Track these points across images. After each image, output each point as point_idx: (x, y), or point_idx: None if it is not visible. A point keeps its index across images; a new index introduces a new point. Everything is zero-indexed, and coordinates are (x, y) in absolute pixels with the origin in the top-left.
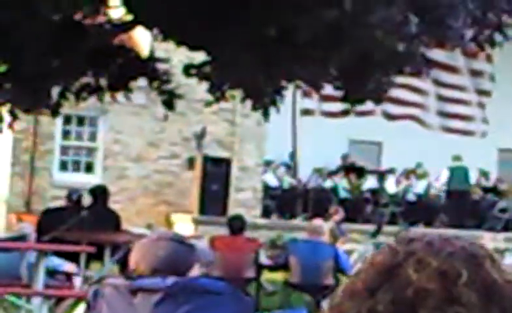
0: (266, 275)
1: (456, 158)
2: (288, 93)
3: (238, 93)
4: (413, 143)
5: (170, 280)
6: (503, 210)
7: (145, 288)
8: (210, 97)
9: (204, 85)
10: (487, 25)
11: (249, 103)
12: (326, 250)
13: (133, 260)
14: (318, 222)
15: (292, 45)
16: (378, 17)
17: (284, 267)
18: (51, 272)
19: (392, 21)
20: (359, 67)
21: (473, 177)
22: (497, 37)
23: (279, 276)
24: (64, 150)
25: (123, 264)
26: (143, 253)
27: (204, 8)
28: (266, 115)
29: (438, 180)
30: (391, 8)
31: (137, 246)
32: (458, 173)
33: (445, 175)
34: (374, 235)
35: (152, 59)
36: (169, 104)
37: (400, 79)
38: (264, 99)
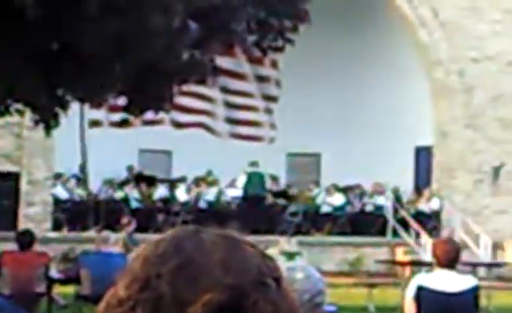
0: (58, 289)
1: (253, 163)
2: (76, 105)
3: (23, 107)
4: (202, 150)
5: None
6: (293, 214)
7: None
8: None
9: None
10: (270, 29)
11: (33, 117)
12: (116, 261)
13: None
14: (107, 233)
15: (75, 58)
16: (155, 26)
17: (76, 280)
18: None
19: (171, 29)
20: (144, 76)
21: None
22: (281, 42)
23: (70, 289)
24: None
25: None
26: None
27: None
28: (48, 129)
29: (234, 186)
30: (168, 16)
31: None
32: (255, 179)
33: (242, 180)
34: None
35: None
36: None
37: (187, 87)
38: (46, 113)
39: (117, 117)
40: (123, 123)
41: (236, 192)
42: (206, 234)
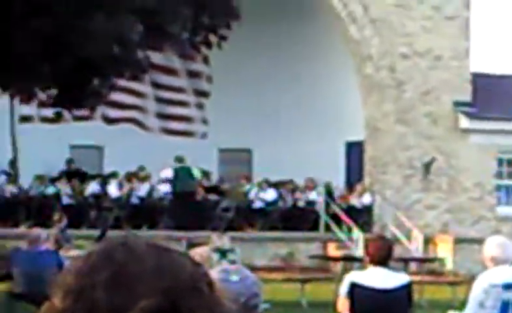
0: None
1: (179, 159)
2: (6, 100)
3: None
4: (134, 146)
5: None
6: (225, 210)
7: None
8: None
9: None
10: (202, 27)
11: None
12: (48, 258)
13: None
14: (37, 230)
15: (7, 55)
16: (98, 25)
17: (7, 276)
18: None
19: (115, 29)
20: (77, 73)
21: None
22: (213, 38)
23: (2, 286)
24: None
25: None
26: None
27: None
28: None
29: (162, 179)
30: (115, 16)
31: None
32: (183, 174)
33: (168, 173)
34: (99, 239)
35: None
36: None
37: (118, 82)
38: None
39: (48, 112)
40: (55, 118)
41: (168, 188)
42: (135, 244)
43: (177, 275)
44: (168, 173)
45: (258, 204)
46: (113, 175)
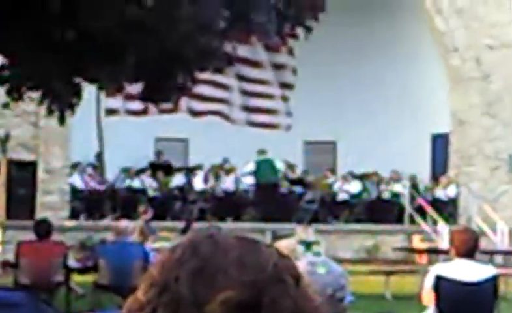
0: (76, 278)
1: (261, 152)
2: (92, 93)
3: (37, 95)
4: (219, 138)
5: None
6: (310, 202)
7: None
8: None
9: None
10: (288, 19)
11: (47, 104)
12: (134, 250)
13: None
14: (123, 222)
15: (91, 44)
16: (185, 13)
17: (94, 268)
18: None
19: (201, 17)
20: (162, 65)
21: (280, 170)
22: (299, 31)
23: (88, 278)
24: None
25: None
26: None
27: None
28: (62, 119)
29: (244, 173)
30: (200, 3)
31: None
32: (265, 166)
33: (250, 167)
34: (184, 232)
35: None
36: None
37: (203, 75)
38: (61, 101)
39: (134, 105)
40: (141, 112)
41: (252, 180)
42: (221, 237)
43: (261, 268)
44: (250, 166)
45: (342, 196)
46: (198, 167)
